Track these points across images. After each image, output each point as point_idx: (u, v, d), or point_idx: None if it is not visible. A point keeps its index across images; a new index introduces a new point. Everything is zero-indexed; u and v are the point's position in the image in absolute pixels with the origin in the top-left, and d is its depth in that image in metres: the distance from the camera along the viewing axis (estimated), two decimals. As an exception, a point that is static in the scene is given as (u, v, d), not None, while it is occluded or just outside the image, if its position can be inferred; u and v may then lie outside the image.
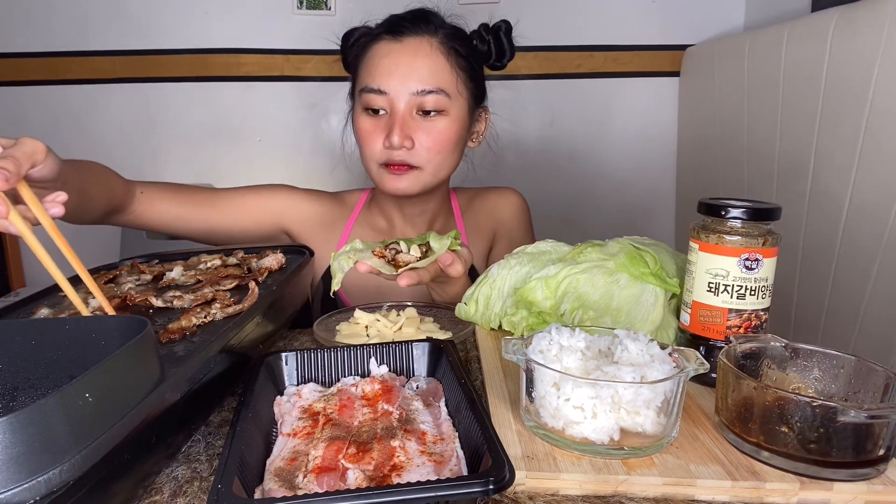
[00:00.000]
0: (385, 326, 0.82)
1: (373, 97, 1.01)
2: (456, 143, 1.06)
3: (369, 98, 1.02)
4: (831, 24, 1.29)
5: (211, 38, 2.10)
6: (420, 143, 1.01)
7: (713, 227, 0.64)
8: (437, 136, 1.02)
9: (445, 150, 1.04)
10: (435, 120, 1.02)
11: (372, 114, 1.03)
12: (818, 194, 1.37)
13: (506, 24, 1.11)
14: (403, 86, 1.00)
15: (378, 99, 1.01)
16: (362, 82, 1.04)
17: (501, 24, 1.10)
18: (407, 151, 1.01)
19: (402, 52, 1.01)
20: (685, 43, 2.07)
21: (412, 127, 1.01)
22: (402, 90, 1.00)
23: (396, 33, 1.03)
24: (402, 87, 1.00)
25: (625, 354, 0.56)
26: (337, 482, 0.45)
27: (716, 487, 0.49)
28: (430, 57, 1.01)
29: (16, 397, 0.51)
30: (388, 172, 1.03)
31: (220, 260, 0.87)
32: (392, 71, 1.00)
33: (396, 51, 1.02)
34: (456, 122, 1.04)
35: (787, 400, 0.49)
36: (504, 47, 1.10)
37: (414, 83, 1.00)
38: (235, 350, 0.63)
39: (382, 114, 1.02)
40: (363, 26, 1.09)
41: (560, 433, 0.53)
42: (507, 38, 1.10)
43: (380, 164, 1.04)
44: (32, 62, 2.08)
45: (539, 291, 0.75)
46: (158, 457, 0.51)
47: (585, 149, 2.20)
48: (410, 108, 1.01)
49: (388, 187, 1.05)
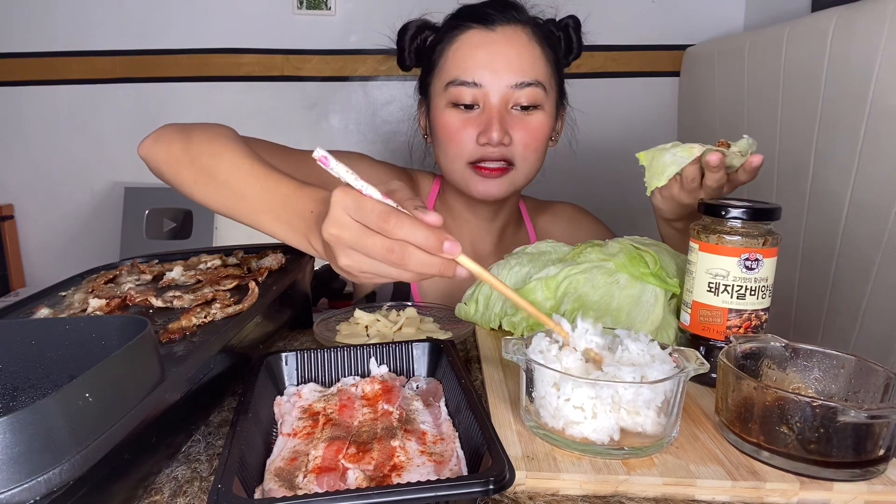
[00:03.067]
0: (385, 326, 0.82)
1: (464, 90, 0.93)
2: (547, 143, 0.99)
3: (460, 92, 0.94)
4: (831, 24, 1.29)
5: (211, 38, 2.10)
6: (517, 140, 0.94)
7: (713, 227, 0.64)
8: (534, 133, 0.95)
9: (540, 149, 0.98)
10: (532, 115, 0.95)
11: (462, 109, 0.95)
12: (818, 194, 1.37)
13: (573, 19, 1.04)
14: (500, 78, 0.92)
15: (471, 92, 0.93)
16: (450, 75, 0.95)
17: (570, 21, 1.04)
18: (504, 148, 0.94)
19: (497, 41, 0.94)
20: (685, 43, 2.07)
21: (508, 122, 0.94)
22: (498, 83, 0.93)
23: (488, 21, 0.95)
24: (498, 79, 0.92)
25: (625, 354, 0.56)
26: (337, 482, 0.45)
27: (716, 487, 0.49)
28: (527, 47, 0.94)
29: (16, 397, 0.51)
30: (477, 174, 0.96)
31: (220, 260, 0.87)
32: (487, 62, 0.93)
33: (491, 41, 0.94)
34: (550, 118, 0.98)
35: (787, 400, 0.49)
36: (573, 45, 1.04)
37: (512, 75, 0.93)
38: (235, 350, 0.63)
39: (475, 109, 0.95)
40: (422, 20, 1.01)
41: (560, 433, 0.53)
42: (577, 35, 1.04)
43: (468, 164, 0.96)
44: (32, 62, 2.08)
45: (539, 292, 0.75)
46: (158, 457, 0.51)
47: (585, 149, 2.19)
48: (506, 103, 0.94)
49: (478, 191, 0.97)
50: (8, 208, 2.17)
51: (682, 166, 0.75)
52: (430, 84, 1.01)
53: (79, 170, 2.18)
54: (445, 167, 1.00)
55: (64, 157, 2.17)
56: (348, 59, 2.10)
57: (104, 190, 2.21)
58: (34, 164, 2.17)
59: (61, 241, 2.23)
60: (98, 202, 2.22)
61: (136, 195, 2.17)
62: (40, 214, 2.21)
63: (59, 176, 2.18)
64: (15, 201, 2.19)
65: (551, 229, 1.16)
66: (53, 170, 2.17)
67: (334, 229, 0.57)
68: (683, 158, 0.75)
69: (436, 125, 0.99)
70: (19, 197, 2.19)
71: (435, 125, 0.99)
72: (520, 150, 0.95)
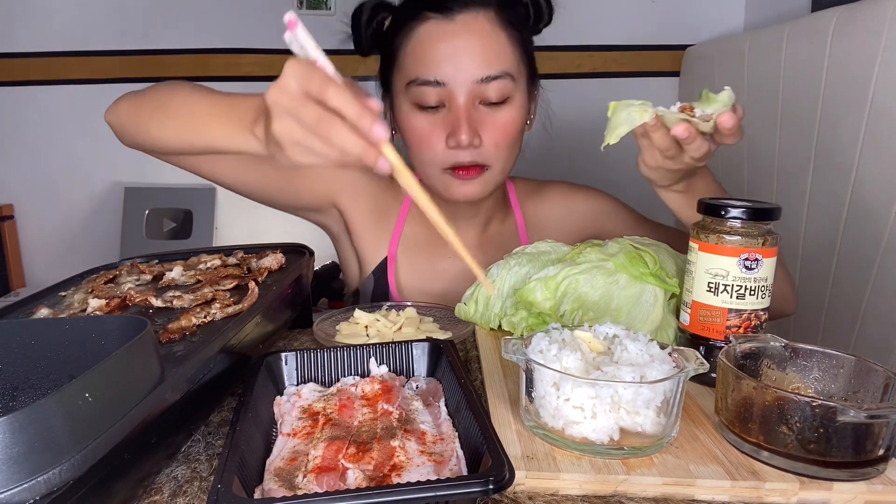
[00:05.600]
0: (385, 326, 0.82)
1: (427, 91, 0.87)
2: (521, 133, 0.94)
3: (423, 92, 0.88)
4: (831, 24, 1.29)
5: (211, 38, 2.10)
6: (487, 141, 0.89)
7: (713, 226, 0.64)
8: (505, 129, 0.89)
9: (513, 143, 0.92)
10: (501, 110, 0.89)
11: (427, 110, 0.89)
12: (818, 194, 1.37)
13: None
14: (465, 73, 0.86)
15: (435, 92, 0.87)
16: (410, 73, 0.89)
17: None
18: (475, 150, 0.89)
19: (457, 33, 0.86)
20: (685, 43, 2.07)
21: (477, 121, 0.88)
22: (463, 78, 0.86)
23: (445, 10, 0.87)
24: (462, 74, 0.86)
25: (624, 354, 0.56)
26: (337, 482, 0.45)
27: (716, 487, 0.49)
28: (491, 35, 0.87)
29: (16, 397, 0.51)
30: (455, 177, 0.91)
31: (220, 260, 0.87)
32: (449, 57, 0.86)
33: (451, 32, 0.86)
34: (520, 109, 0.91)
35: (786, 400, 0.49)
36: (542, 10, 0.95)
37: (477, 69, 0.86)
38: (235, 350, 0.63)
39: (441, 109, 0.89)
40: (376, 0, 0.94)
41: (560, 433, 0.53)
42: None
43: (444, 169, 0.91)
44: (32, 62, 2.08)
45: (539, 292, 0.75)
46: (158, 457, 0.51)
47: (585, 149, 2.20)
48: (473, 99, 0.88)
49: (458, 195, 0.92)
50: (8, 208, 2.18)
51: (633, 127, 0.67)
52: (391, 80, 0.95)
53: (79, 170, 2.18)
54: (421, 171, 0.96)
55: (64, 157, 2.17)
56: (348, 59, 2.09)
57: (104, 190, 2.21)
58: (34, 164, 2.17)
59: (61, 241, 2.23)
60: (98, 202, 2.22)
61: (136, 195, 2.17)
62: (40, 214, 2.21)
63: (59, 176, 2.18)
64: (15, 201, 2.20)
65: (543, 213, 1.10)
66: (53, 170, 2.18)
67: (276, 92, 0.57)
68: (634, 120, 0.67)
69: (402, 128, 0.94)
70: (19, 197, 2.20)
71: (401, 128, 0.94)
72: (492, 151, 0.90)
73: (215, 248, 0.96)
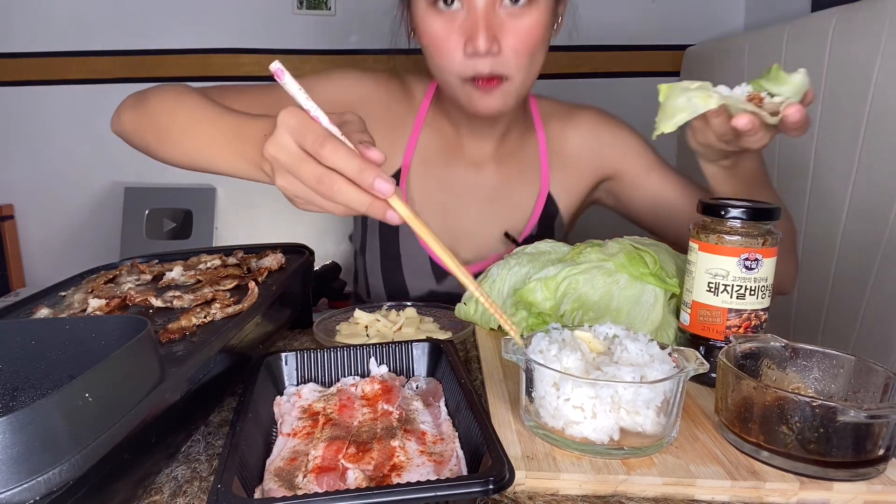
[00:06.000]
0: (385, 326, 0.82)
1: None
2: (546, 41, 0.87)
3: None
4: (831, 24, 1.29)
5: (211, 38, 2.10)
6: (507, 47, 0.83)
7: (713, 226, 0.64)
8: (527, 36, 0.83)
9: (537, 52, 0.85)
10: (523, 14, 0.82)
11: (444, 6, 0.83)
12: (818, 194, 1.37)
13: None
14: None
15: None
16: None
17: None
18: (493, 59, 0.83)
19: None
20: (685, 43, 2.07)
21: (496, 25, 0.82)
22: None
23: None
24: None
25: (624, 354, 0.56)
26: (337, 482, 0.45)
27: (716, 487, 0.49)
28: None
29: (16, 397, 0.51)
30: (476, 88, 0.85)
31: (220, 260, 0.87)
32: None
33: None
34: (545, 11, 0.84)
35: (786, 400, 0.49)
36: None
37: None
38: (235, 350, 0.63)
39: (456, 8, 0.82)
40: None
41: (560, 433, 0.53)
42: None
43: (464, 80, 0.85)
44: (32, 62, 2.08)
45: (539, 292, 0.75)
46: (158, 457, 0.51)
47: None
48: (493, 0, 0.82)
49: (480, 108, 0.87)
50: (8, 208, 2.17)
51: (695, 115, 0.63)
52: None
53: (79, 170, 2.18)
54: (440, 80, 0.91)
55: (64, 157, 2.17)
56: (348, 59, 2.09)
57: (104, 190, 2.21)
58: (34, 164, 2.17)
59: (61, 241, 2.23)
60: (98, 202, 2.22)
61: (136, 195, 2.17)
62: (40, 214, 2.21)
63: (59, 176, 2.18)
64: (15, 201, 2.19)
65: (569, 139, 1.04)
66: (53, 170, 2.18)
67: (273, 149, 0.56)
68: (697, 107, 0.62)
69: (419, 33, 0.88)
70: (19, 197, 2.20)
71: (418, 33, 0.89)
72: (512, 60, 0.84)
73: (215, 248, 0.96)
